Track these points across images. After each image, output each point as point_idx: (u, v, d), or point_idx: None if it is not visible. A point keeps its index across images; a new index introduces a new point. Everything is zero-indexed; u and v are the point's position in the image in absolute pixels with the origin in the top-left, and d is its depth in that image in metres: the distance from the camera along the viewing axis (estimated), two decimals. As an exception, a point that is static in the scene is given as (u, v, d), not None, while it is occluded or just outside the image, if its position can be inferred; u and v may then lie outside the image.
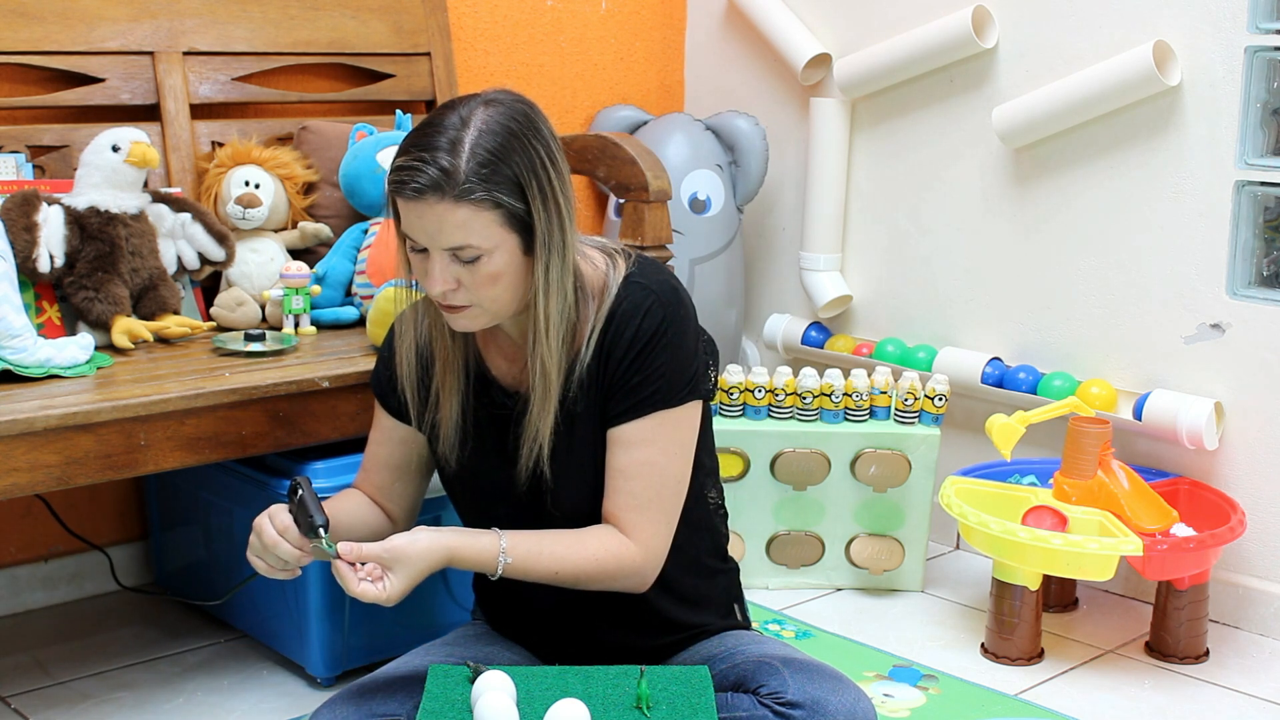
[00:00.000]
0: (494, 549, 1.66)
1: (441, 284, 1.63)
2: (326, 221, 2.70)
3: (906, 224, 3.17)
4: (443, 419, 1.77)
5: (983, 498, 2.63)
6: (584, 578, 1.70)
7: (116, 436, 1.99)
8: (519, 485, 1.74)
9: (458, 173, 1.58)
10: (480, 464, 1.78)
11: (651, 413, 1.69)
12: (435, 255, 1.62)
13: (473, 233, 1.60)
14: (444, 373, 1.76)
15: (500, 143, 1.60)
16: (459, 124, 1.60)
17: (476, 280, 1.63)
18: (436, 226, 1.60)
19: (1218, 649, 2.58)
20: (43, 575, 2.72)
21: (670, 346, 1.69)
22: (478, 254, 1.61)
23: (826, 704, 1.60)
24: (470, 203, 1.58)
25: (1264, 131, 2.62)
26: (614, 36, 3.46)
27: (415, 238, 1.63)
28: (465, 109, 1.62)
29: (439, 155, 1.58)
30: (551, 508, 1.74)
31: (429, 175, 1.58)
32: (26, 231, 2.22)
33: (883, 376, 2.81)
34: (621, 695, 1.60)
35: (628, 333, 1.69)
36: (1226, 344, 2.67)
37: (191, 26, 2.71)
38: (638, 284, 1.71)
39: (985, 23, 2.93)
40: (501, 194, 1.59)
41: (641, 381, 1.69)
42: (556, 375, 1.67)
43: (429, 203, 1.58)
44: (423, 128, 1.62)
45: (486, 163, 1.58)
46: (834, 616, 2.73)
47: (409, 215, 1.62)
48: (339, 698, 1.67)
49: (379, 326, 2.30)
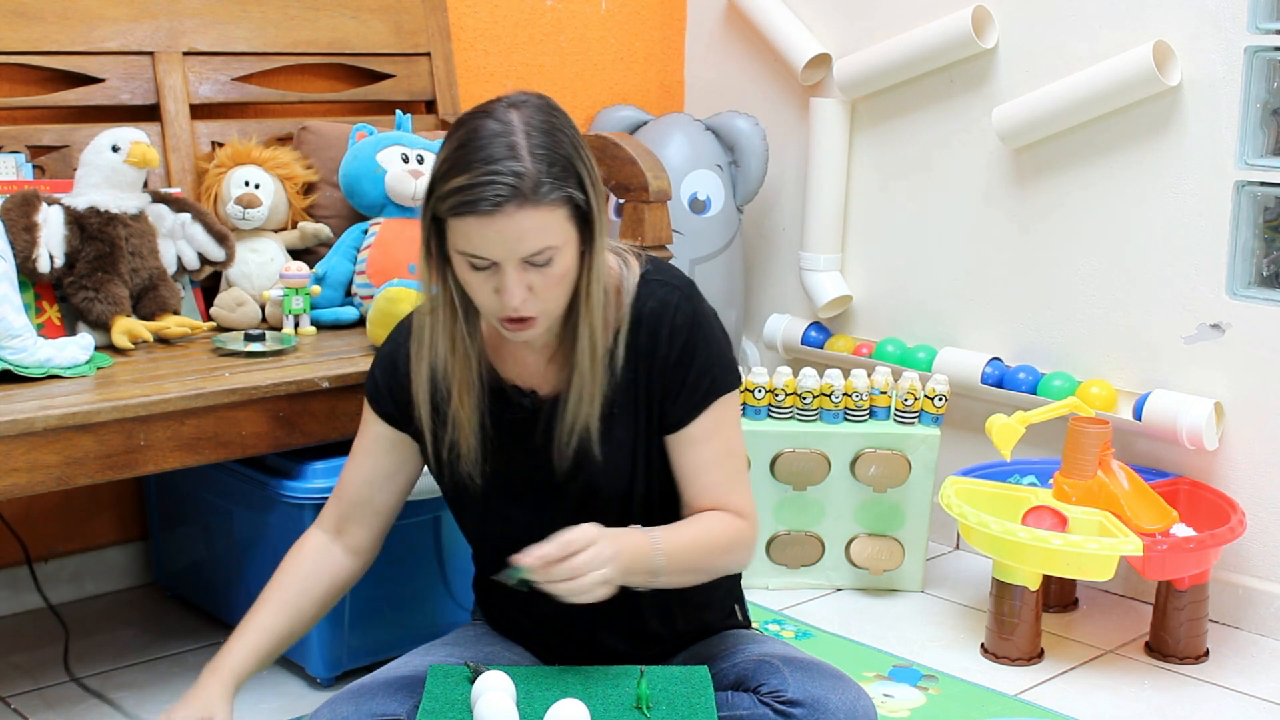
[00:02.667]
0: (648, 543, 1.63)
1: (519, 295, 1.58)
2: (326, 221, 2.70)
3: (906, 224, 3.17)
4: (462, 439, 1.72)
5: (983, 498, 2.64)
6: (715, 566, 1.72)
7: (116, 436, 1.99)
8: (559, 482, 1.72)
9: (530, 175, 1.54)
10: (510, 474, 1.75)
11: (711, 404, 1.71)
12: (509, 267, 1.57)
13: (551, 233, 1.56)
14: (461, 394, 1.70)
15: (552, 138, 1.57)
16: (502, 130, 1.56)
17: (548, 283, 1.60)
18: (516, 235, 1.55)
19: (1218, 649, 2.58)
20: (43, 575, 2.72)
21: (708, 336, 1.72)
22: (552, 254, 1.58)
23: (827, 702, 1.60)
24: (547, 203, 1.55)
25: (1264, 131, 2.62)
26: (614, 36, 3.46)
27: (487, 254, 1.56)
28: (497, 115, 1.58)
29: (505, 163, 1.53)
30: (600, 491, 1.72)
31: (504, 184, 1.53)
32: (26, 231, 2.22)
33: (883, 376, 2.81)
34: (621, 695, 1.60)
35: (664, 332, 1.69)
36: (1226, 344, 2.67)
37: (191, 26, 2.71)
38: (658, 282, 1.71)
39: (985, 23, 2.93)
40: (570, 188, 1.57)
41: (695, 378, 1.70)
42: (604, 363, 1.67)
43: (507, 213, 1.53)
44: (464, 144, 1.57)
45: (552, 159, 1.56)
46: (834, 617, 2.73)
47: (483, 232, 1.55)
48: (339, 698, 1.67)
49: (379, 326, 2.30)
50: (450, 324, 1.68)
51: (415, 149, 2.61)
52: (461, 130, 1.59)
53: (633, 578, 1.62)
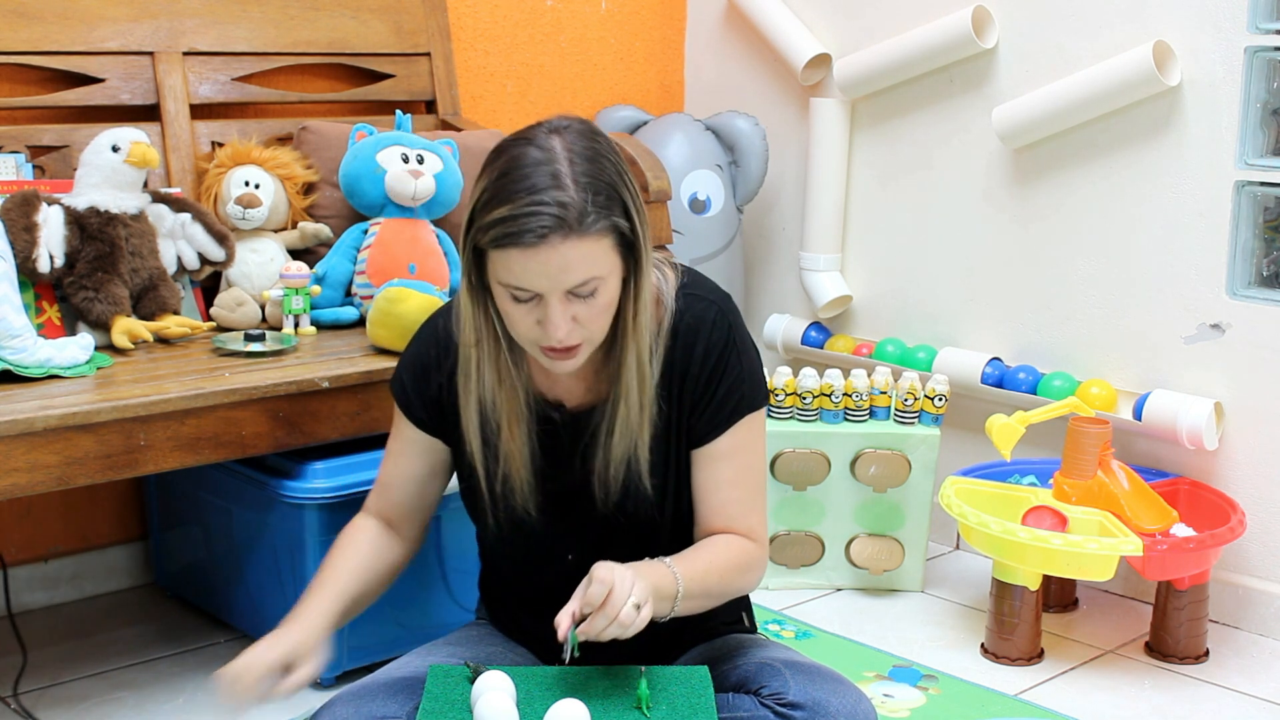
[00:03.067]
0: (668, 573, 1.62)
1: (564, 327, 1.54)
2: (326, 221, 2.70)
3: (906, 224, 3.17)
4: (515, 471, 1.69)
5: (983, 498, 2.64)
6: (728, 589, 1.71)
7: (116, 436, 1.99)
8: (604, 504, 1.70)
9: (575, 205, 1.50)
10: (558, 497, 1.73)
11: (737, 422, 1.70)
12: (553, 299, 1.53)
13: (596, 264, 1.53)
14: (511, 425, 1.67)
15: (596, 165, 1.53)
16: (544, 158, 1.52)
17: (593, 313, 1.56)
18: (561, 267, 1.51)
19: (1218, 649, 2.58)
20: (43, 575, 2.72)
21: (741, 353, 1.70)
22: (597, 285, 1.54)
23: (828, 705, 1.60)
24: (593, 234, 1.51)
25: (1264, 131, 2.62)
26: (614, 36, 3.46)
27: (530, 286, 1.52)
28: (538, 142, 1.54)
29: (549, 193, 1.49)
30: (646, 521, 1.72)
31: (548, 215, 1.48)
32: (26, 231, 2.22)
33: (883, 376, 2.81)
34: (621, 695, 1.60)
35: (699, 347, 1.68)
36: (1226, 344, 2.67)
37: (191, 26, 2.71)
38: (694, 295, 1.69)
39: (985, 23, 2.93)
40: (615, 216, 1.53)
41: (725, 395, 1.68)
42: (651, 383, 1.65)
43: (552, 244, 1.49)
44: (505, 173, 1.52)
45: (596, 188, 1.52)
46: (834, 617, 2.73)
47: (526, 264, 1.51)
48: (338, 700, 1.67)
49: (379, 326, 2.30)
50: (495, 355, 1.64)
51: (415, 149, 2.61)
52: (502, 158, 1.55)
53: (658, 605, 1.60)
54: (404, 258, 2.53)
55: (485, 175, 1.55)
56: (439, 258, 2.59)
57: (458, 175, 2.66)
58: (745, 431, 1.71)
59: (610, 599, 1.51)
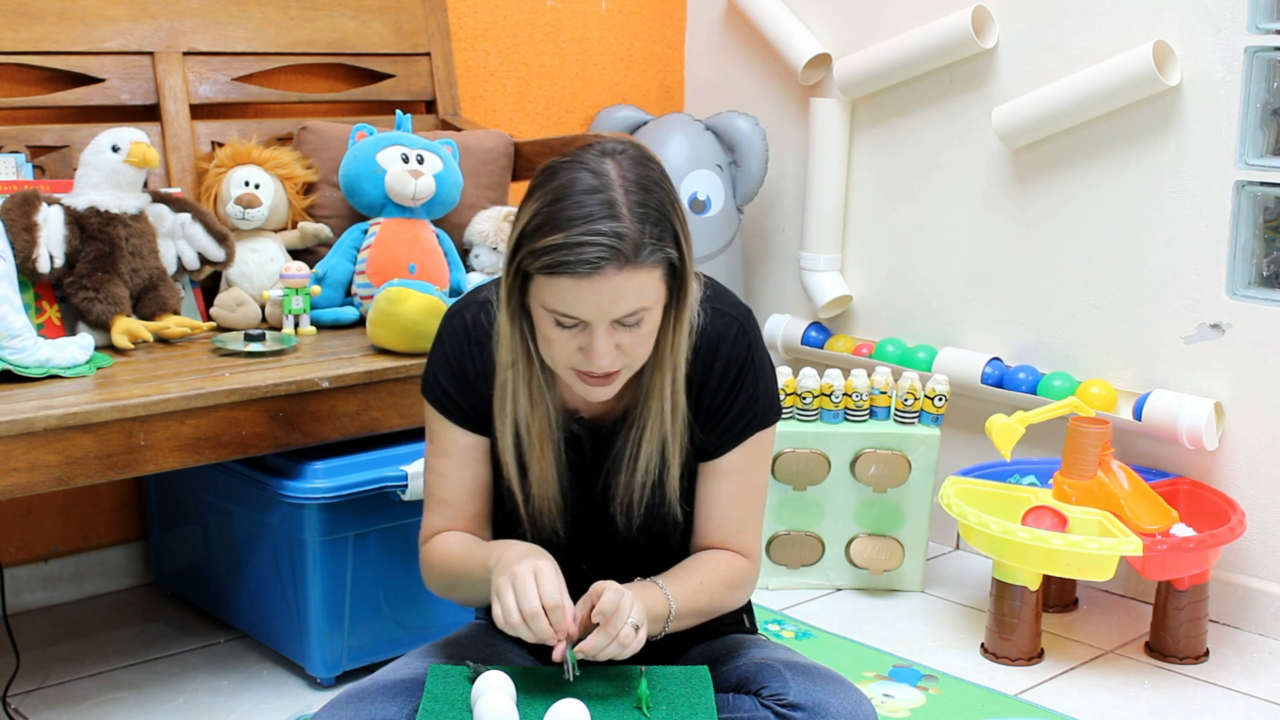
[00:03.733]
0: (661, 595, 1.62)
1: (608, 356, 1.52)
2: (326, 221, 2.70)
3: (906, 224, 3.17)
4: (544, 494, 1.67)
5: (983, 498, 2.63)
6: (718, 606, 1.70)
7: (116, 436, 1.99)
8: (626, 528, 1.70)
9: (631, 236, 1.47)
10: (583, 515, 1.72)
11: (748, 439, 1.70)
12: (599, 328, 1.51)
13: (646, 295, 1.51)
14: (543, 444, 1.65)
15: (650, 194, 1.51)
16: (599, 184, 1.49)
17: (636, 341, 1.54)
18: (613, 298, 1.49)
19: (1218, 649, 2.58)
20: (43, 575, 2.72)
21: (759, 371, 1.70)
22: (643, 315, 1.52)
23: (828, 706, 1.60)
24: (647, 265, 1.49)
25: (1264, 131, 2.62)
26: (614, 36, 3.46)
27: (579, 314, 1.50)
28: (592, 166, 1.51)
29: (605, 222, 1.47)
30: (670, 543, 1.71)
31: (603, 246, 1.46)
32: (26, 231, 2.22)
33: (883, 376, 2.81)
34: (621, 695, 1.60)
35: (718, 363, 1.67)
36: (1226, 344, 2.67)
37: (191, 26, 2.71)
38: (717, 309, 1.68)
39: (985, 23, 2.93)
40: (668, 247, 1.51)
41: (740, 411, 1.68)
42: (683, 402, 1.63)
43: (606, 275, 1.47)
44: (559, 199, 1.49)
45: (653, 220, 1.49)
46: (834, 616, 2.73)
47: (578, 293, 1.48)
48: (337, 702, 1.66)
49: (379, 326, 2.30)
50: (530, 376, 1.62)
51: (415, 149, 2.61)
52: (554, 182, 1.51)
53: (651, 626, 1.60)
54: (404, 258, 2.53)
55: (536, 198, 1.52)
56: (439, 258, 2.59)
57: (458, 175, 2.66)
58: (754, 448, 1.71)
59: (613, 619, 1.51)
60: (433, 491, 1.75)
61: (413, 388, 2.30)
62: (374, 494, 2.30)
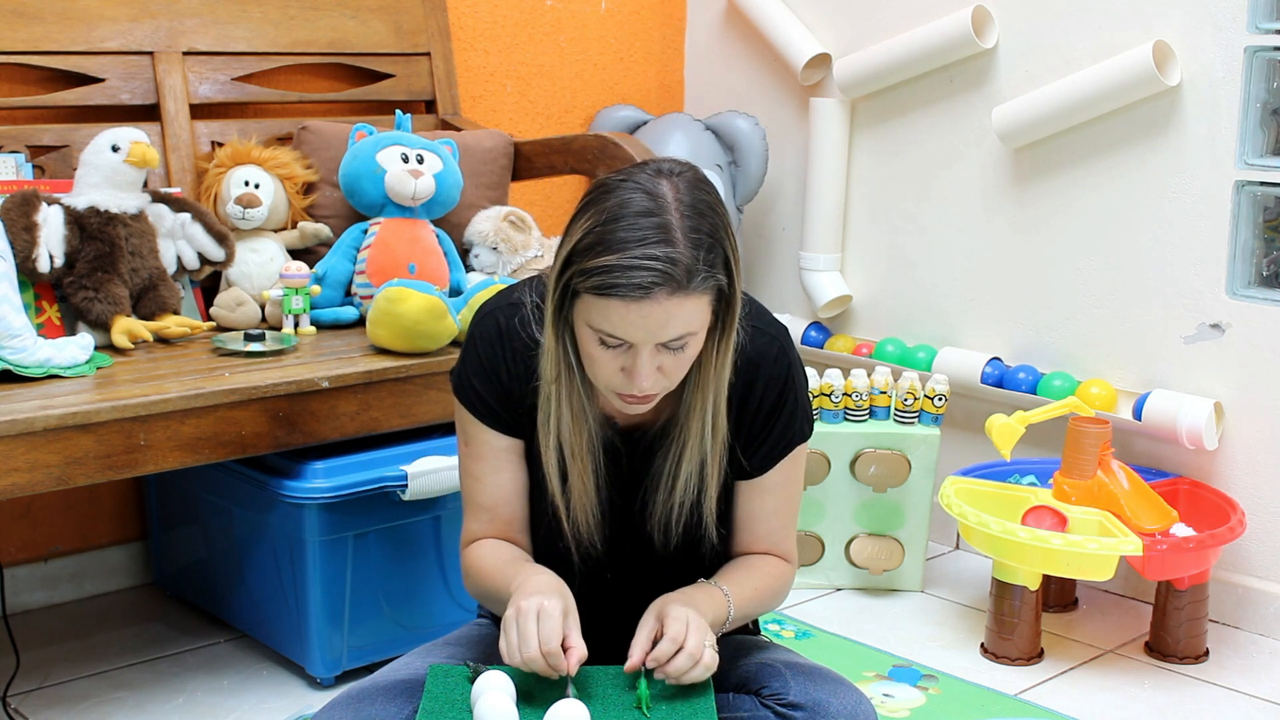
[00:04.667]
0: (723, 600, 1.64)
1: (650, 379, 1.52)
2: (326, 221, 2.70)
3: (906, 224, 3.17)
4: (582, 505, 1.66)
5: (983, 498, 2.63)
6: (762, 611, 1.73)
7: (116, 436, 1.99)
8: (663, 548, 1.70)
9: (684, 263, 1.46)
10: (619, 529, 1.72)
11: (788, 455, 1.71)
12: (644, 350, 1.50)
13: (693, 320, 1.50)
14: (584, 457, 1.64)
15: (705, 220, 1.49)
16: (654, 207, 1.47)
17: (678, 365, 1.54)
18: (661, 323, 1.47)
19: (1218, 649, 2.58)
20: (42, 575, 2.72)
21: (798, 389, 1.70)
22: (689, 340, 1.51)
23: (828, 706, 1.60)
24: (698, 292, 1.48)
25: (1264, 131, 2.62)
26: (614, 36, 3.46)
27: (626, 336, 1.49)
28: (647, 187, 1.49)
29: (659, 247, 1.45)
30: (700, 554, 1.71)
31: (656, 271, 1.44)
32: (26, 231, 2.22)
33: (882, 376, 2.81)
34: (621, 695, 1.60)
35: (759, 383, 1.66)
36: (1226, 344, 2.67)
37: (191, 26, 2.71)
38: (757, 329, 1.67)
39: (985, 23, 2.93)
40: (719, 274, 1.50)
41: (781, 431, 1.68)
42: (724, 425, 1.63)
43: (657, 300, 1.46)
44: (614, 219, 1.47)
45: (707, 246, 1.48)
46: (834, 616, 2.73)
47: (626, 315, 1.47)
48: (336, 703, 1.66)
49: (379, 326, 2.30)
50: (571, 390, 1.61)
51: (415, 149, 2.61)
52: (609, 200, 1.50)
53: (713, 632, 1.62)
54: (404, 257, 2.53)
55: (589, 216, 1.50)
56: (439, 257, 2.59)
57: (457, 175, 2.66)
58: (793, 464, 1.72)
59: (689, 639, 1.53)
60: (470, 496, 1.74)
61: (413, 387, 2.30)
62: (374, 494, 2.30)
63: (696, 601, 1.61)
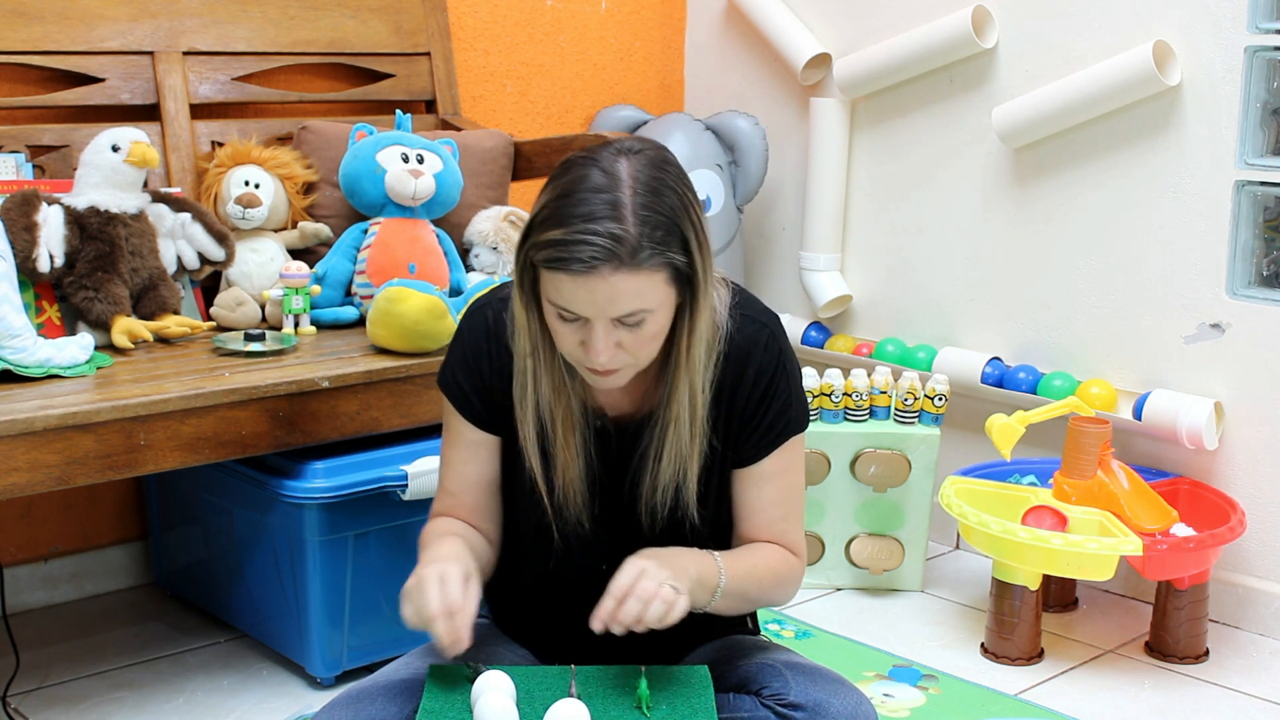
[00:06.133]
0: (714, 565, 1.63)
1: (606, 353, 1.53)
2: (326, 221, 2.70)
3: (906, 224, 3.17)
4: (569, 483, 1.68)
5: (983, 498, 2.64)
6: (764, 598, 1.72)
7: (116, 436, 1.99)
8: (650, 529, 1.70)
9: (629, 239, 1.47)
10: (609, 512, 1.72)
11: (783, 443, 1.71)
12: (598, 325, 1.52)
13: (645, 297, 1.51)
14: (567, 434, 1.66)
15: (660, 199, 1.51)
16: (608, 183, 1.50)
17: (639, 341, 1.55)
18: (608, 298, 1.49)
19: (1218, 649, 2.58)
20: (42, 575, 2.72)
21: (790, 377, 1.70)
22: (645, 316, 1.53)
23: (828, 706, 1.60)
24: (646, 269, 1.49)
25: (1264, 131, 2.62)
26: (614, 36, 3.46)
27: (577, 310, 1.52)
28: (605, 164, 1.51)
29: (604, 223, 1.47)
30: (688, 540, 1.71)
31: (600, 246, 1.47)
32: (26, 231, 2.22)
33: (883, 376, 2.81)
34: (621, 695, 1.60)
35: (749, 370, 1.67)
36: (1226, 344, 2.67)
37: (191, 26, 2.71)
38: (746, 317, 1.69)
39: (985, 23, 2.93)
40: (672, 252, 1.51)
41: (774, 418, 1.69)
42: (702, 407, 1.64)
43: (602, 275, 1.48)
44: (568, 194, 1.50)
45: (655, 223, 1.49)
46: (834, 616, 2.73)
47: (574, 290, 1.50)
48: (336, 703, 1.66)
49: (379, 326, 2.30)
50: (551, 364, 1.63)
51: (415, 149, 2.61)
52: (566, 177, 1.53)
53: (698, 593, 1.60)
54: (404, 257, 2.53)
55: (548, 191, 1.53)
56: (439, 257, 2.59)
57: (458, 175, 2.66)
58: (790, 453, 1.72)
59: (639, 583, 1.51)
60: (441, 479, 1.78)
61: (413, 387, 2.30)
62: (374, 494, 2.30)
63: (677, 554, 1.60)
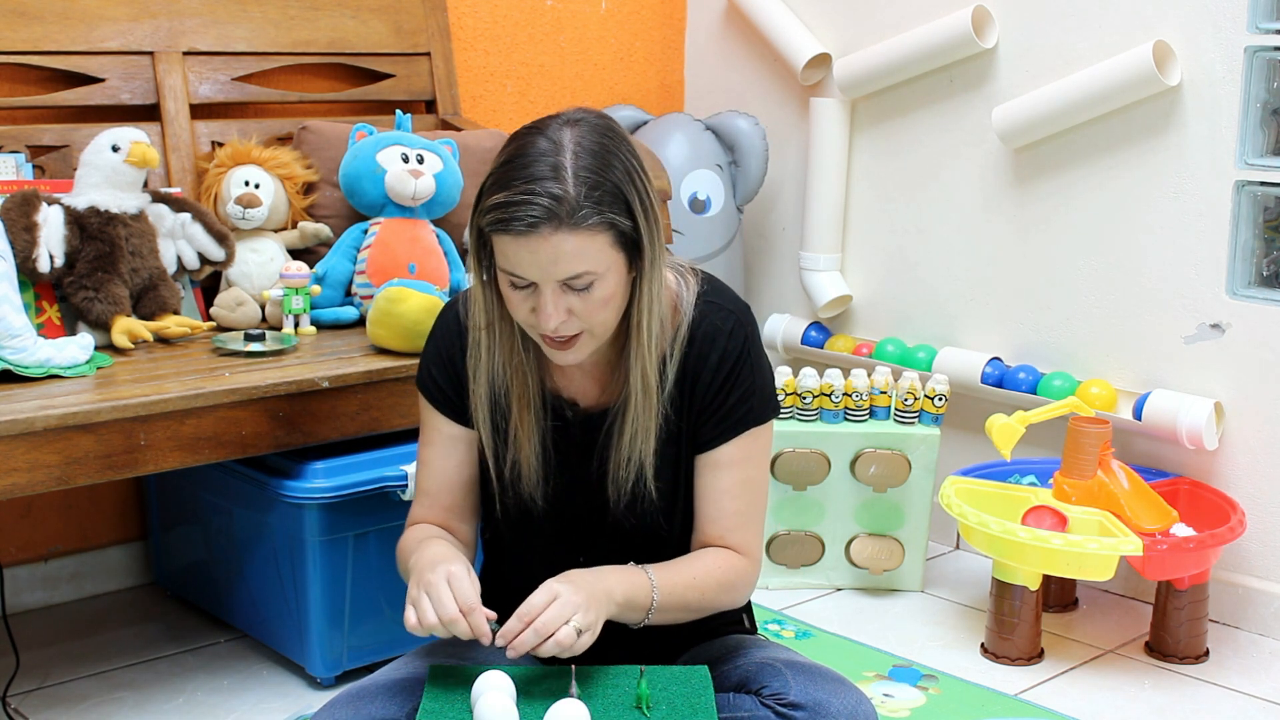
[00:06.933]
0: (645, 583, 1.64)
1: (556, 318, 1.56)
2: (326, 221, 2.70)
3: (906, 224, 3.17)
4: (524, 459, 1.70)
5: (983, 498, 2.64)
6: (709, 604, 1.71)
7: (116, 436, 1.99)
8: (615, 505, 1.71)
9: (569, 199, 1.51)
10: (568, 492, 1.74)
11: (743, 432, 1.71)
12: (546, 289, 1.55)
13: (588, 259, 1.54)
14: (521, 410, 1.69)
15: (601, 161, 1.55)
16: (551, 149, 1.54)
17: (589, 307, 1.57)
18: (551, 258, 1.53)
19: (1218, 649, 2.58)
20: (42, 575, 2.72)
21: (755, 365, 1.71)
22: (592, 280, 1.55)
23: (829, 706, 1.60)
24: (586, 228, 1.52)
25: (1264, 131, 2.62)
26: (614, 36, 3.46)
27: (523, 273, 1.55)
28: (550, 133, 1.55)
29: (545, 184, 1.51)
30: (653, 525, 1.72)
31: (540, 206, 1.51)
32: (26, 231, 2.22)
33: (883, 376, 2.81)
34: (621, 695, 1.60)
35: (713, 355, 1.68)
36: (1226, 344, 2.67)
37: (191, 26, 2.71)
38: (713, 304, 1.70)
39: (985, 23, 2.93)
40: (613, 214, 1.54)
41: (735, 403, 1.69)
42: (657, 388, 1.65)
43: (543, 235, 1.51)
44: (511, 160, 1.55)
45: (595, 184, 1.53)
46: (834, 616, 2.73)
47: (518, 251, 1.53)
48: (336, 702, 1.67)
49: (379, 326, 2.30)
50: (508, 339, 1.67)
51: (415, 149, 2.61)
52: (512, 145, 1.57)
53: (628, 614, 1.62)
54: (404, 257, 2.53)
55: (496, 159, 1.58)
56: (439, 257, 2.59)
57: (458, 175, 2.66)
58: (750, 443, 1.72)
59: (542, 617, 1.52)
60: (418, 481, 1.80)
61: (413, 387, 2.30)
62: (374, 494, 2.30)
63: (602, 576, 1.60)
